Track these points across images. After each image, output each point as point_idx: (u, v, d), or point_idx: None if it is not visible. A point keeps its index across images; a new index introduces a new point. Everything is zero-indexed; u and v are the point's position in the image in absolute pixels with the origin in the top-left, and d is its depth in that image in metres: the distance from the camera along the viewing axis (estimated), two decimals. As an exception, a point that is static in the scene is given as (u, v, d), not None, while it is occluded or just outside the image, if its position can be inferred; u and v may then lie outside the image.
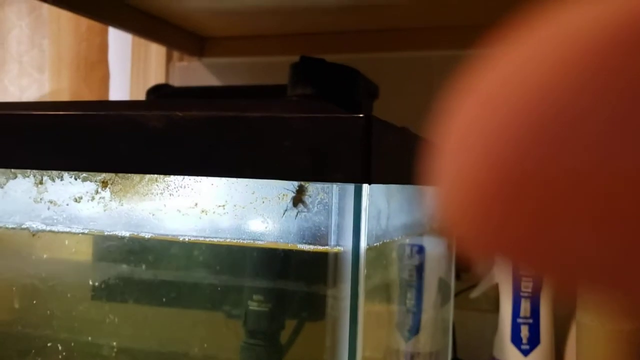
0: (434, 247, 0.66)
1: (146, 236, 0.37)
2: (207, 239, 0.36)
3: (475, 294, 0.75)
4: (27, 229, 0.39)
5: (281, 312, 0.43)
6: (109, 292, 0.43)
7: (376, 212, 0.36)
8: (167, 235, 0.37)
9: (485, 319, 0.80)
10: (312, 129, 0.32)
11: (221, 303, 0.41)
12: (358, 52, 0.86)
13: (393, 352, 0.60)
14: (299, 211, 0.32)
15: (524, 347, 0.72)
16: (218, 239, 0.36)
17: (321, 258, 0.34)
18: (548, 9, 0.10)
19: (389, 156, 0.36)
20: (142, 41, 0.94)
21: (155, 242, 0.40)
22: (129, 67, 0.98)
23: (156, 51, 0.95)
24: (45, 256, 0.42)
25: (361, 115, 0.32)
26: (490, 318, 0.76)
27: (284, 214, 0.33)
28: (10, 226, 0.40)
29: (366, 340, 0.37)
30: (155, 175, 0.36)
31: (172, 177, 0.36)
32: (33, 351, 0.45)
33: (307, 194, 0.32)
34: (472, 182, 0.11)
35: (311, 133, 0.32)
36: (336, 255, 0.33)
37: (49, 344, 0.44)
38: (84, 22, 0.95)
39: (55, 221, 0.39)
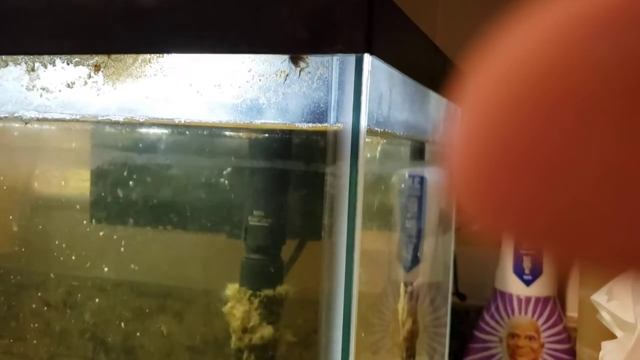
0: (435, 178, 0.65)
1: (140, 120, 0.36)
2: (203, 122, 0.35)
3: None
4: (19, 117, 0.38)
5: (281, 226, 0.42)
6: (104, 182, 0.42)
7: (377, 94, 0.35)
8: (162, 119, 0.36)
9: (487, 253, 0.79)
10: (311, -4, 0.31)
11: (216, 195, 0.41)
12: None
13: (393, 282, 0.60)
14: (301, 68, 0.30)
15: (526, 277, 0.71)
16: (214, 122, 0.35)
17: (320, 136, 0.33)
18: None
19: (392, 33, 0.34)
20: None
21: (151, 131, 0.39)
22: None
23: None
24: (38, 145, 0.41)
25: (363, -20, 0.30)
26: (492, 252, 0.75)
27: (285, 79, 0.31)
28: (2, 115, 0.39)
29: (366, 269, 0.37)
30: (149, 56, 0.35)
31: (166, 57, 0.35)
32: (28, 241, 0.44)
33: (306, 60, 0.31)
34: (479, 149, 0.11)
35: (309, 1, 0.31)
36: (335, 133, 0.32)
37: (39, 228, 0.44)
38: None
39: (48, 108, 0.38)
